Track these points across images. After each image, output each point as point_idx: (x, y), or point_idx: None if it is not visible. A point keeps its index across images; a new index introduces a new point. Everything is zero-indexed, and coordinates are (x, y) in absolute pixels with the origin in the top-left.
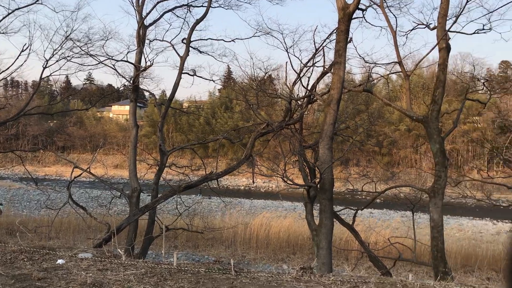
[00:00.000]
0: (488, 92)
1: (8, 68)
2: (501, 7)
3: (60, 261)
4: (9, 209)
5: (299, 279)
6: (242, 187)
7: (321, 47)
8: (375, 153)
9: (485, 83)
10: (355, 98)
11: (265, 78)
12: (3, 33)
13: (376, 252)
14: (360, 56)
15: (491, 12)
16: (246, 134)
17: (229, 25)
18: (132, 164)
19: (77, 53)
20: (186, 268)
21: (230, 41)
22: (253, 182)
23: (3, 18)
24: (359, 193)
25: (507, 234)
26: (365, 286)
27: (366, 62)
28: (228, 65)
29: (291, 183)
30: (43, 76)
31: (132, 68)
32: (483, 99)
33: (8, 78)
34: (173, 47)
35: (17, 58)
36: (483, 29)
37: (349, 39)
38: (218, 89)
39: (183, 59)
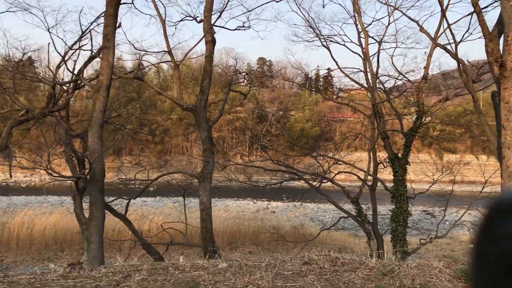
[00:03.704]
0: (248, 85)
1: None
2: (257, 7)
3: None
4: None
5: (66, 276)
6: None
7: (88, 30)
8: (148, 142)
9: (245, 76)
10: (127, 86)
11: (24, 59)
12: None
13: (150, 239)
14: (129, 42)
15: (249, 11)
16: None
17: None
18: None
19: None
20: None
21: None
22: (11, 176)
23: None
24: (132, 182)
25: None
26: (138, 273)
27: (136, 49)
28: None
29: (57, 175)
30: None
31: None
32: (244, 91)
33: None
34: None
35: None
36: (243, 26)
37: (118, 24)
38: None
39: None
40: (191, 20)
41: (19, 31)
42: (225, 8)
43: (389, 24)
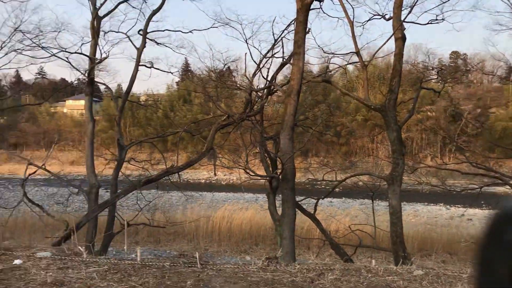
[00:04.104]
0: (441, 81)
1: None
2: None
3: (17, 261)
4: None
5: (265, 269)
6: (203, 180)
7: (280, 38)
8: (333, 143)
9: (438, 72)
10: (314, 89)
11: (225, 69)
12: None
13: (337, 240)
14: (319, 46)
15: (444, 2)
16: (206, 127)
17: (187, 16)
18: (89, 160)
19: (28, 45)
20: (150, 263)
21: (187, 32)
22: (215, 174)
23: None
24: (318, 182)
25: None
26: (331, 273)
27: (325, 52)
28: (185, 57)
29: (254, 174)
30: None
31: (87, 60)
32: (437, 88)
33: None
34: (129, 39)
35: None
36: (436, 19)
37: (307, 29)
38: (176, 82)
39: (139, 50)
40: (379, 18)
41: (221, 44)
42: (416, 2)
43: None
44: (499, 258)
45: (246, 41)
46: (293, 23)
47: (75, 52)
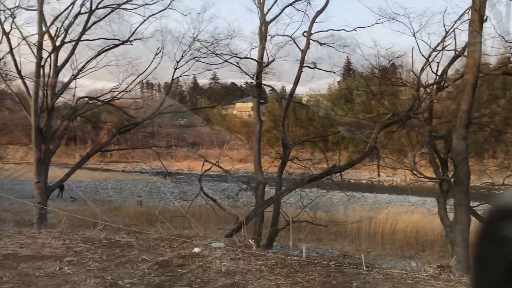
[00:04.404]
0: None
1: (144, 71)
2: None
3: (196, 249)
4: (148, 201)
5: (437, 278)
6: (364, 181)
7: (451, 29)
8: None
9: None
10: (491, 82)
11: (389, 66)
12: (139, 39)
13: None
14: (499, 35)
15: None
16: (368, 126)
17: (350, 13)
18: (256, 158)
19: (204, 53)
20: (315, 261)
21: (351, 31)
22: (378, 175)
23: (139, 25)
24: (496, 187)
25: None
26: None
27: (506, 41)
28: (347, 56)
29: (422, 176)
30: (174, 77)
31: (255, 64)
32: None
33: (144, 81)
34: (294, 41)
35: (152, 61)
36: None
37: (484, 18)
38: (338, 81)
39: (304, 52)
40: None
41: (386, 40)
42: None
43: None
44: (494, 254)
45: (414, 34)
46: (468, 12)
47: (245, 57)
